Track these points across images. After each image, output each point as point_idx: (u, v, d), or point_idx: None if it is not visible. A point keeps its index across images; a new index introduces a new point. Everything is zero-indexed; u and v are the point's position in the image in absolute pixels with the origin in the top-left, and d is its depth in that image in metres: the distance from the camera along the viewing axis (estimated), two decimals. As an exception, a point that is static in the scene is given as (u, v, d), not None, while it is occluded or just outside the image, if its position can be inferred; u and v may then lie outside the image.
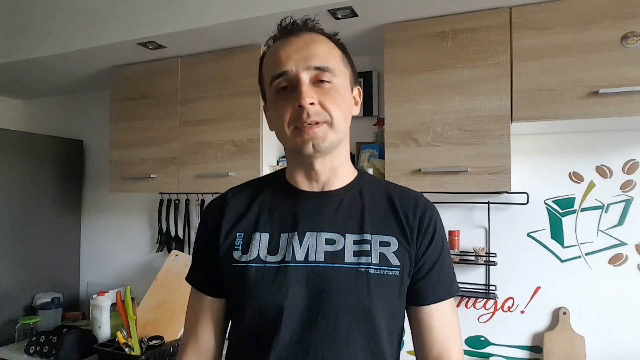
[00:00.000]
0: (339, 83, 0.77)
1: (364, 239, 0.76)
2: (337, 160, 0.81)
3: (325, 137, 0.74)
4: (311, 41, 0.77)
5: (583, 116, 1.36)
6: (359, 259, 0.75)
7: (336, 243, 0.76)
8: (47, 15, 1.94)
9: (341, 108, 0.76)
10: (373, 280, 0.73)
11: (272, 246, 0.77)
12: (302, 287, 0.73)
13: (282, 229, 0.78)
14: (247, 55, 1.82)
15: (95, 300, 2.05)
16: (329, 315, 0.72)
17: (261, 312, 0.74)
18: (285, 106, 0.75)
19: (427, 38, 1.54)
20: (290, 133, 0.75)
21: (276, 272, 0.74)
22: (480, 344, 1.75)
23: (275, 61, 0.77)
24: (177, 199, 2.30)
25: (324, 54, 0.76)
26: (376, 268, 0.74)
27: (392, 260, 0.76)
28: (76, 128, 2.65)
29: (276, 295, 0.73)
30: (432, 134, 1.53)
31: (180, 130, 1.95)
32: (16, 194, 2.24)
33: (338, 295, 0.72)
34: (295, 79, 0.74)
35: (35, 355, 1.85)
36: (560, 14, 1.39)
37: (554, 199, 1.67)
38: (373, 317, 0.73)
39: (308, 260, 0.75)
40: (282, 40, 0.78)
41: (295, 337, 0.72)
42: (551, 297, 1.66)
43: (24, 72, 2.21)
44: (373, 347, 0.74)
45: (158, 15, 1.72)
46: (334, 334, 0.72)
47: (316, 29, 0.80)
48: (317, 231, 0.77)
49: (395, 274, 0.75)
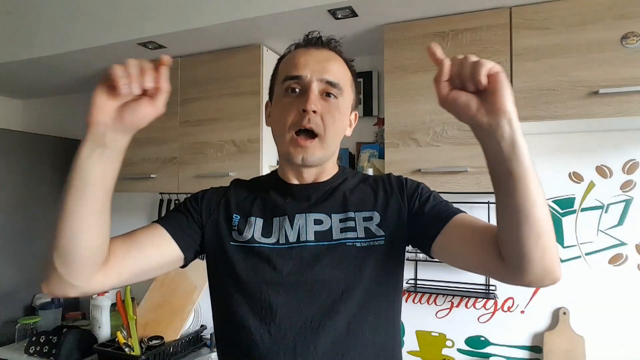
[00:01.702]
0: (342, 102, 0.84)
1: (348, 217, 0.83)
2: (324, 167, 0.88)
3: (315, 153, 0.81)
4: (330, 58, 0.85)
5: (583, 116, 1.36)
6: (345, 234, 0.82)
7: (323, 223, 0.83)
8: (47, 15, 1.94)
9: (336, 126, 0.83)
10: (360, 253, 0.80)
11: (266, 230, 0.84)
12: (295, 265, 0.79)
13: (274, 214, 0.85)
14: (247, 55, 1.82)
15: (95, 300, 2.05)
16: (323, 288, 0.78)
17: (258, 289, 0.79)
18: (290, 108, 0.81)
19: (427, 38, 1.54)
20: (288, 139, 0.82)
21: (270, 251, 0.81)
22: (480, 344, 1.75)
23: (294, 63, 0.83)
24: (177, 199, 2.29)
25: (337, 73, 0.83)
26: (362, 241, 0.81)
27: (376, 232, 0.82)
28: (76, 128, 2.65)
29: (272, 272, 0.79)
30: (432, 134, 1.53)
31: (180, 130, 1.95)
32: (16, 194, 2.24)
33: (329, 270, 0.79)
34: (307, 86, 0.81)
35: (35, 355, 1.85)
36: (560, 14, 1.39)
37: (554, 199, 1.67)
38: (364, 286, 0.79)
39: (300, 240, 0.81)
40: (305, 49, 0.85)
41: (292, 309, 0.77)
42: (551, 297, 1.66)
43: (24, 72, 2.21)
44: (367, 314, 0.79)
45: (158, 15, 1.72)
46: (329, 305, 0.77)
47: (337, 49, 0.88)
48: (306, 213, 0.84)
49: (381, 243, 0.81)
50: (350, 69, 0.88)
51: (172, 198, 2.30)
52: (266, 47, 1.83)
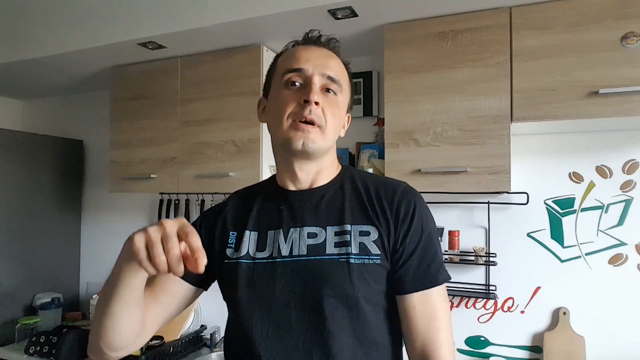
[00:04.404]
0: (341, 100, 0.84)
1: (344, 230, 0.79)
2: (321, 165, 0.85)
3: (315, 140, 0.79)
4: (330, 56, 0.84)
5: (583, 116, 1.36)
6: (339, 249, 0.78)
7: (318, 236, 0.80)
8: (47, 15, 1.94)
9: (335, 121, 0.82)
10: (354, 270, 0.76)
11: (260, 243, 0.82)
12: (287, 281, 0.77)
13: (269, 227, 0.83)
14: (247, 55, 1.82)
15: (95, 301, 2.05)
16: (315, 306, 0.75)
17: (251, 306, 0.78)
18: (290, 100, 0.79)
19: (427, 38, 1.54)
20: (287, 125, 0.79)
21: (264, 267, 0.79)
22: (480, 344, 1.75)
23: (295, 57, 0.82)
24: (177, 199, 2.29)
25: (337, 70, 0.83)
26: (356, 257, 0.77)
27: (371, 249, 0.78)
28: (76, 128, 2.65)
29: (265, 289, 0.78)
30: (432, 134, 1.53)
31: (180, 130, 1.95)
32: (16, 194, 2.24)
33: (322, 286, 0.75)
34: (309, 79, 0.80)
35: (35, 355, 1.85)
36: (560, 14, 1.39)
37: (554, 199, 1.67)
38: (356, 305, 0.75)
39: (292, 255, 0.79)
40: (305, 46, 0.85)
41: (284, 328, 0.76)
42: (551, 297, 1.66)
43: (24, 72, 2.21)
44: (360, 334, 0.76)
45: (158, 15, 1.72)
46: (321, 323, 0.75)
47: (336, 50, 0.87)
48: (300, 226, 0.81)
49: (377, 262, 0.77)
50: (348, 71, 0.88)
51: (172, 198, 2.30)
52: (266, 47, 1.83)
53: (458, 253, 1.72)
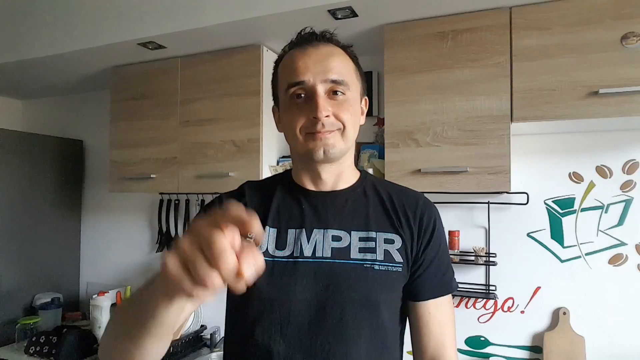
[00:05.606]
0: (351, 96, 0.81)
1: (369, 237, 0.80)
2: (343, 167, 0.84)
3: (335, 144, 0.78)
4: (329, 54, 0.80)
5: (583, 116, 1.36)
6: (364, 255, 0.78)
7: (342, 240, 0.80)
8: (47, 15, 1.94)
9: (352, 118, 0.80)
10: (378, 276, 0.77)
11: (279, 241, 0.80)
12: (310, 281, 0.76)
13: (290, 225, 0.81)
14: (247, 55, 1.82)
15: (95, 301, 2.05)
16: (336, 309, 0.75)
17: (270, 304, 0.76)
18: (300, 114, 0.78)
19: (427, 38, 1.54)
20: (302, 138, 0.79)
21: (285, 266, 0.78)
22: (480, 344, 1.75)
23: (293, 69, 0.79)
24: (177, 199, 2.29)
25: (339, 68, 0.79)
26: (381, 264, 0.78)
27: (395, 257, 0.79)
28: (76, 128, 2.65)
29: (285, 288, 0.76)
30: (432, 134, 1.52)
31: (180, 130, 1.95)
32: (16, 193, 2.24)
33: (344, 290, 0.76)
34: (312, 90, 0.77)
35: (35, 356, 1.85)
36: (560, 14, 1.39)
37: (554, 199, 1.67)
38: (378, 311, 0.77)
39: (315, 256, 0.78)
40: (301, 50, 0.81)
41: (303, 329, 0.75)
42: (551, 297, 1.66)
43: (24, 72, 2.21)
44: (377, 340, 0.77)
45: (158, 15, 1.72)
46: (340, 327, 0.75)
47: (333, 40, 0.84)
48: (324, 228, 0.80)
49: (399, 270, 0.79)
50: (351, 57, 0.85)
51: (172, 198, 2.30)
52: (266, 47, 1.83)
53: (458, 253, 1.71)
